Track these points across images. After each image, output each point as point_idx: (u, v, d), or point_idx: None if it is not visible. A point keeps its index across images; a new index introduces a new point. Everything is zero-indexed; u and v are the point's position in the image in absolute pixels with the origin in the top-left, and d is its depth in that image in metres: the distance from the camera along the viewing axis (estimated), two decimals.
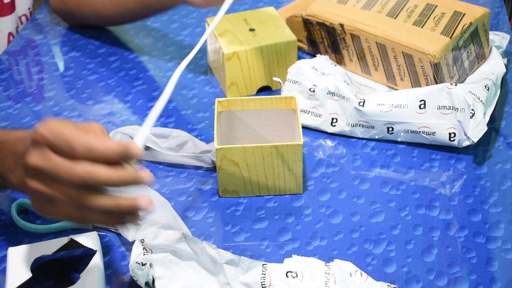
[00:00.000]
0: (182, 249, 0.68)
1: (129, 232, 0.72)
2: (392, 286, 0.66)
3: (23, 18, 1.17)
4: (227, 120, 0.85)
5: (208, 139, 0.88)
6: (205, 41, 1.06)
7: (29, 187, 0.61)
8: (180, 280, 0.68)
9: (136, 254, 0.68)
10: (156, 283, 0.67)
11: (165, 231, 0.70)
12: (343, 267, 0.67)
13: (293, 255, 0.69)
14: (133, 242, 0.71)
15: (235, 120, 0.85)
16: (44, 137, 0.59)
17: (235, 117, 0.85)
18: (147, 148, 0.85)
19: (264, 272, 0.67)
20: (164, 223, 0.72)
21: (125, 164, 0.60)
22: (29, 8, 1.18)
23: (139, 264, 0.66)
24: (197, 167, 0.85)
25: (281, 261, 0.69)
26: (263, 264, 0.68)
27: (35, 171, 0.60)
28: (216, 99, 0.83)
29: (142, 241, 0.69)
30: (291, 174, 0.79)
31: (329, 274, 0.66)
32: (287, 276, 0.66)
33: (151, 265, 0.67)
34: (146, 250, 0.68)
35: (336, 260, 0.68)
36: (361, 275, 0.66)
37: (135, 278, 0.66)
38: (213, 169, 0.84)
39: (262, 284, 0.66)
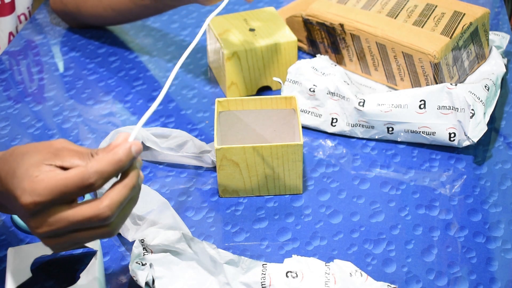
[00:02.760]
0: (182, 249, 0.68)
1: (129, 232, 0.72)
2: (392, 286, 0.66)
3: (22, 17, 1.17)
4: (227, 120, 0.85)
5: (208, 139, 0.88)
6: (205, 41, 1.06)
7: (45, 243, 0.57)
8: (180, 280, 0.68)
9: (136, 254, 0.68)
10: (156, 283, 0.67)
11: (165, 231, 0.70)
12: (343, 267, 0.67)
13: (293, 255, 0.69)
14: (133, 242, 0.71)
15: (235, 120, 0.85)
16: (38, 203, 0.54)
17: (235, 117, 0.85)
18: (147, 148, 0.85)
19: (264, 272, 0.67)
20: (164, 223, 0.72)
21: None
22: (28, 7, 1.18)
23: (139, 264, 0.66)
24: (197, 167, 0.85)
25: (281, 261, 0.69)
26: (263, 264, 0.68)
27: (49, 234, 0.56)
28: (216, 99, 0.83)
29: (142, 241, 0.69)
30: (291, 174, 0.79)
31: (329, 274, 0.66)
32: (287, 276, 0.66)
33: (151, 265, 0.67)
34: (146, 250, 0.68)
35: (336, 260, 0.68)
36: (361, 275, 0.66)
37: (135, 278, 0.66)
38: (213, 169, 0.85)
39: (262, 284, 0.66)
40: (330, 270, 0.67)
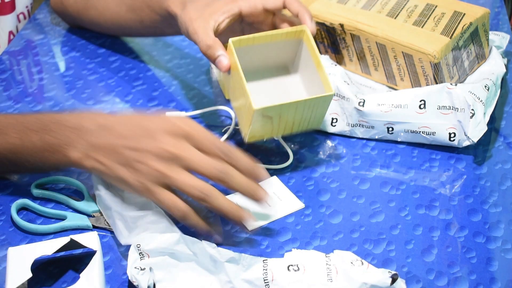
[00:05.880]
0: (180, 250, 0.68)
1: (122, 235, 0.71)
2: (393, 272, 0.66)
3: (21, 16, 1.17)
4: (240, 58, 0.83)
5: None
6: None
7: (149, 166, 0.69)
8: (180, 282, 0.68)
9: (133, 260, 0.67)
10: (157, 287, 0.66)
11: (162, 234, 0.69)
12: (343, 257, 0.67)
13: (292, 249, 0.69)
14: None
15: (246, 56, 0.84)
16: (183, 129, 0.69)
17: (245, 52, 0.83)
18: None
19: (265, 268, 0.67)
20: (158, 228, 0.71)
21: None
22: (27, 6, 1.18)
23: (138, 269, 0.66)
24: None
25: None
26: (263, 260, 0.68)
27: (170, 156, 0.68)
28: (230, 39, 0.81)
29: (138, 246, 0.68)
30: (317, 115, 0.82)
31: (330, 265, 0.67)
32: (288, 270, 0.67)
33: (150, 269, 0.67)
34: (142, 255, 0.68)
35: (336, 251, 0.68)
36: (362, 263, 0.67)
37: (135, 283, 0.66)
38: None
39: (264, 280, 0.66)
40: (330, 261, 0.67)
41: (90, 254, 0.69)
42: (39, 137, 0.73)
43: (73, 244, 0.69)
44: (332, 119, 0.89)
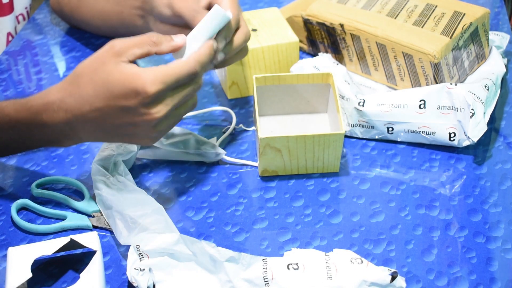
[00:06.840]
0: (179, 251, 0.68)
1: (122, 235, 0.71)
2: (393, 270, 0.66)
3: (20, 18, 1.17)
4: (263, 94, 0.87)
5: (209, 138, 0.88)
6: None
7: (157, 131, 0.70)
8: (180, 282, 0.68)
9: (133, 261, 0.67)
10: (156, 287, 0.66)
11: (162, 234, 0.69)
12: (343, 255, 0.67)
13: (292, 248, 0.69)
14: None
15: (271, 93, 0.88)
16: (162, 90, 0.67)
17: (270, 90, 0.87)
18: (149, 146, 0.85)
19: (265, 267, 0.67)
20: (156, 228, 0.71)
21: None
22: (26, 8, 1.18)
23: (138, 270, 0.66)
24: (198, 167, 0.85)
25: None
26: (263, 259, 0.68)
27: (166, 114, 0.69)
28: (254, 76, 0.86)
29: (137, 246, 0.68)
30: (330, 156, 0.82)
31: (329, 263, 0.67)
32: (288, 268, 0.67)
33: (150, 269, 0.67)
34: (141, 255, 0.68)
35: (335, 249, 0.68)
36: (362, 261, 0.67)
37: (135, 284, 0.66)
38: (214, 168, 0.84)
39: (264, 279, 0.66)
40: (330, 259, 0.67)
41: (90, 254, 0.69)
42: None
43: (73, 244, 0.69)
44: None
